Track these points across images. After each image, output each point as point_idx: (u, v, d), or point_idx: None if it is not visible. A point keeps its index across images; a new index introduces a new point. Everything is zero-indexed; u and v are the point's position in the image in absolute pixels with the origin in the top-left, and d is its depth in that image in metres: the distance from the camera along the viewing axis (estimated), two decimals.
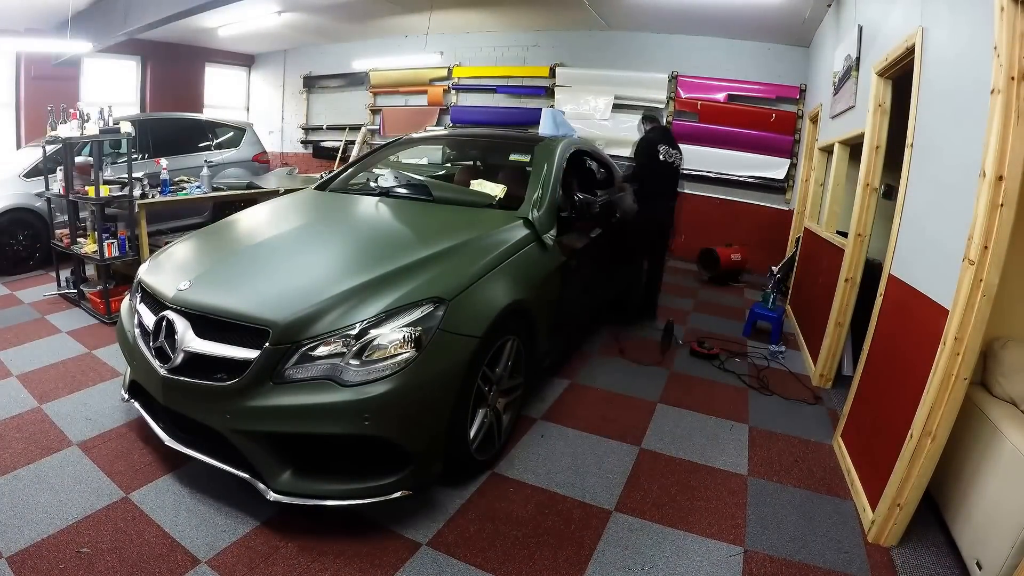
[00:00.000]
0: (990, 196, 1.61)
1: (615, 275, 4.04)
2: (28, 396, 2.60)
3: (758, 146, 6.35)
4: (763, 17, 5.37)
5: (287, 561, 1.72)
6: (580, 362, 3.42)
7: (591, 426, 2.66)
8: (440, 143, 4.78)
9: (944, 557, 1.91)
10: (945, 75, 2.11)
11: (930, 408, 1.78)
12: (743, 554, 1.89)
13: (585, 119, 6.88)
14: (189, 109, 7.78)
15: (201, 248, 2.45)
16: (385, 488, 1.81)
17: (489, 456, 2.26)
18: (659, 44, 6.66)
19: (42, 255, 4.75)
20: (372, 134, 8.36)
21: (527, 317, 2.37)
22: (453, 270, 2.09)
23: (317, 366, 1.76)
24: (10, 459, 2.11)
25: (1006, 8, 1.59)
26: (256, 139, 6.82)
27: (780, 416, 2.93)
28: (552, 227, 2.73)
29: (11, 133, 6.94)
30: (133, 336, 2.09)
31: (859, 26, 3.43)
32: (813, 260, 4.22)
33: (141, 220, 3.77)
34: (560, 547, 1.86)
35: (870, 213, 3.03)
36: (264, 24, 7.24)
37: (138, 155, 5.33)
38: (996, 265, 1.62)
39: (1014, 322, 2.04)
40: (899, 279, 2.28)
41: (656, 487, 2.24)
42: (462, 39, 7.73)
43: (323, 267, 2.14)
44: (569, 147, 3.34)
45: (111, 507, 1.89)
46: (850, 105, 3.55)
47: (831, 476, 2.40)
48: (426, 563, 1.76)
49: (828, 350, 3.30)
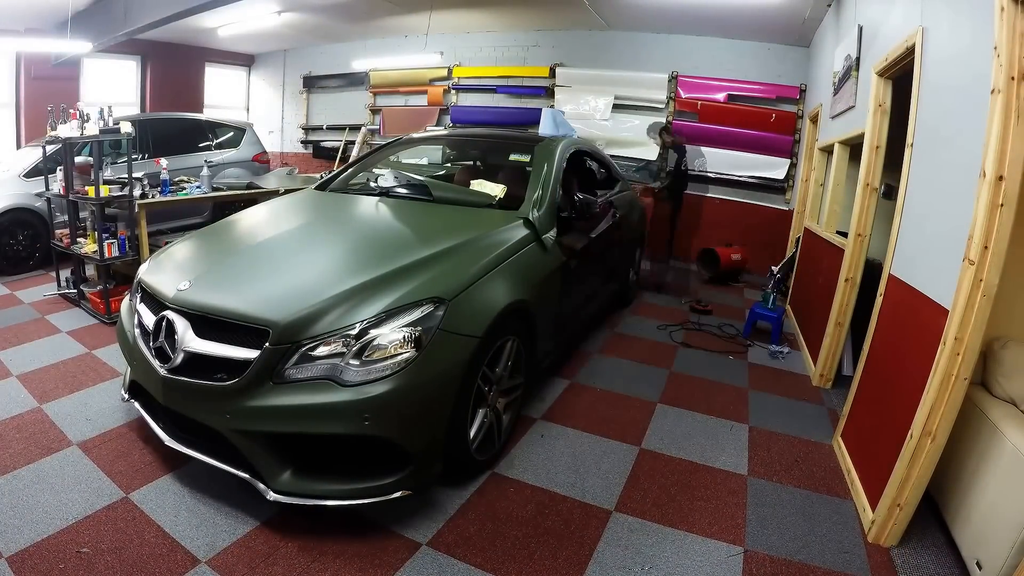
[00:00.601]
0: (990, 196, 1.61)
1: (614, 273, 4.05)
2: (28, 396, 2.60)
3: (758, 146, 6.34)
4: (763, 17, 5.36)
5: (287, 561, 1.72)
6: (580, 362, 3.42)
7: (591, 426, 2.66)
8: (440, 143, 4.78)
9: (944, 557, 1.91)
10: (945, 75, 2.11)
11: (930, 408, 1.78)
12: (743, 554, 1.89)
13: (585, 119, 6.87)
14: (189, 109, 7.77)
15: (201, 248, 2.45)
16: (385, 488, 1.81)
17: (489, 456, 2.26)
18: (659, 44, 6.65)
19: (42, 255, 4.75)
20: (372, 134, 8.35)
21: (527, 317, 2.37)
22: (453, 270, 2.09)
23: (317, 366, 1.76)
24: (10, 459, 2.12)
25: (1006, 8, 1.59)
26: (256, 139, 6.82)
27: (780, 416, 2.93)
28: (552, 227, 2.73)
29: (11, 133, 6.93)
30: (133, 336, 2.09)
31: (859, 26, 3.43)
32: (813, 260, 4.22)
33: (141, 220, 3.77)
34: (560, 547, 1.86)
35: (870, 213, 3.03)
36: (264, 24, 7.24)
37: (138, 155, 5.33)
38: (996, 265, 1.62)
39: (1014, 322, 2.04)
40: (899, 279, 2.28)
41: (656, 487, 2.24)
42: (462, 39, 7.72)
43: (323, 267, 2.15)
44: (569, 147, 3.34)
45: (111, 507, 1.90)
46: (850, 105, 3.55)
47: (831, 476, 2.40)
48: (426, 563, 1.76)
49: (828, 350, 3.30)
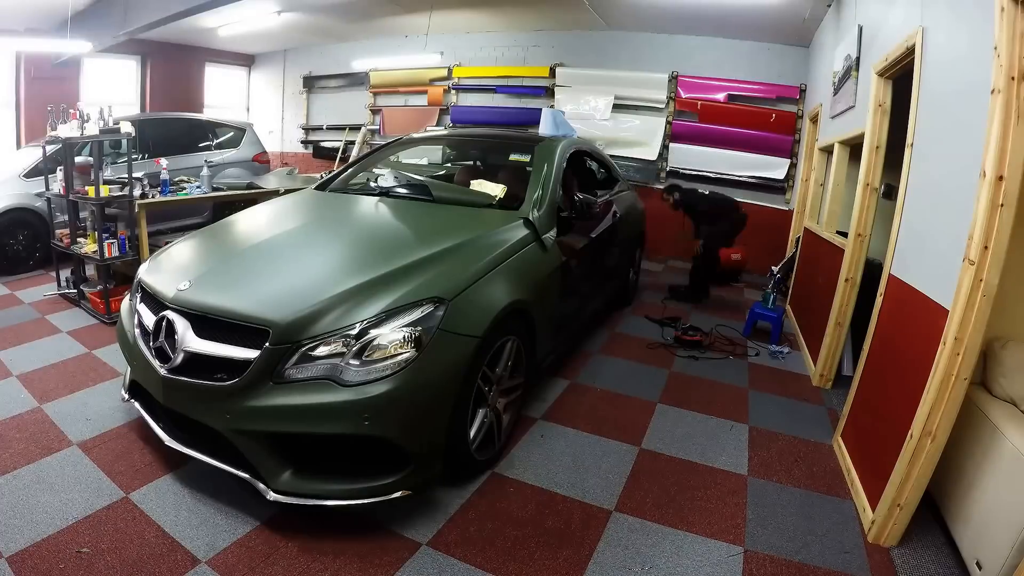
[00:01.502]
0: (990, 196, 1.61)
1: (614, 273, 4.05)
2: (28, 396, 2.60)
3: (758, 146, 6.34)
4: (763, 17, 5.37)
5: (287, 561, 1.72)
6: (580, 362, 3.42)
7: (591, 426, 2.66)
8: (440, 143, 4.78)
9: (944, 557, 1.91)
10: (945, 75, 2.11)
11: (930, 408, 1.78)
12: (743, 554, 1.89)
13: (585, 119, 6.87)
14: (189, 109, 7.78)
15: (201, 248, 2.45)
16: (385, 488, 1.81)
17: (489, 456, 2.25)
18: (659, 44, 6.66)
19: (42, 255, 4.75)
20: (372, 134, 8.36)
21: (527, 317, 2.37)
22: (453, 270, 2.09)
23: (317, 366, 1.76)
24: (10, 459, 2.11)
25: (1006, 8, 1.59)
26: (256, 139, 6.81)
27: (780, 416, 2.93)
28: (552, 227, 2.73)
29: (11, 133, 6.93)
30: (133, 336, 2.09)
31: (859, 26, 3.43)
32: (813, 260, 4.22)
33: (141, 220, 3.76)
34: (560, 547, 1.86)
35: (870, 213, 3.03)
36: (264, 24, 7.24)
37: (138, 155, 5.33)
38: (996, 265, 1.62)
39: (1014, 322, 2.04)
40: (899, 279, 2.28)
41: (656, 487, 2.24)
42: (462, 39, 7.72)
43: (323, 267, 2.15)
44: (569, 147, 3.34)
45: (111, 507, 1.90)
46: (850, 105, 3.55)
47: (831, 476, 2.40)
48: (426, 563, 1.76)
49: (828, 350, 3.30)
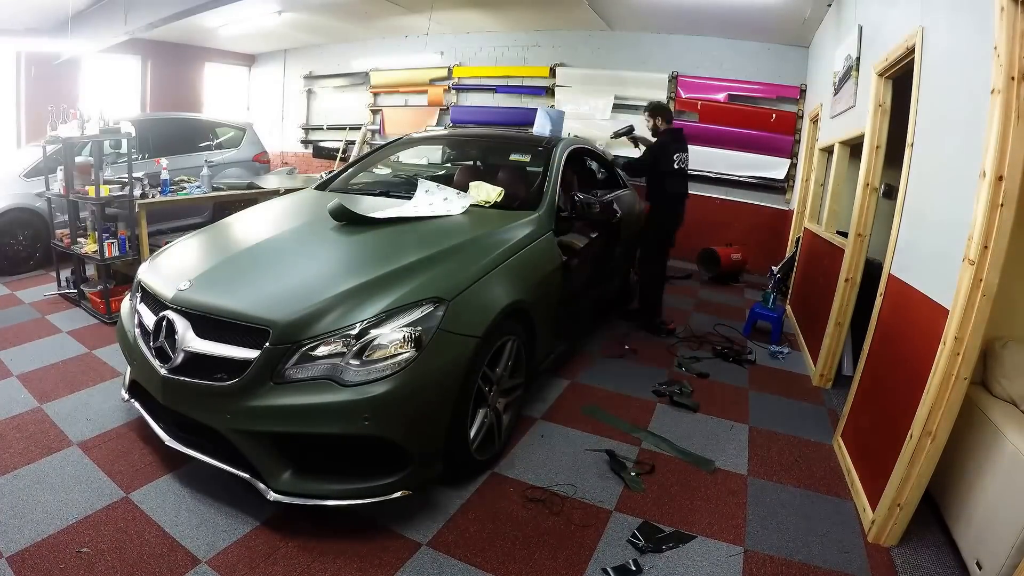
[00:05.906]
0: (990, 196, 1.61)
1: (614, 274, 4.04)
2: (28, 396, 2.60)
3: (758, 146, 6.34)
4: (763, 17, 5.37)
5: (287, 561, 1.72)
6: (580, 362, 3.42)
7: (591, 426, 2.66)
8: (440, 143, 4.78)
9: (944, 557, 1.91)
10: (945, 75, 2.11)
11: (930, 408, 1.78)
12: (743, 554, 1.89)
13: (585, 119, 6.87)
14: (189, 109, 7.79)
15: (201, 248, 2.45)
16: (385, 488, 1.81)
17: (489, 456, 2.25)
18: (659, 44, 6.65)
19: (42, 255, 4.74)
20: (372, 134, 8.36)
21: (527, 317, 2.37)
22: (453, 270, 2.09)
23: (317, 366, 1.76)
24: (10, 459, 2.11)
25: (1006, 8, 1.58)
26: (256, 139, 6.81)
27: (780, 416, 2.93)
28: (552, 227, 2.73)
29: (11, 133, 6.94)
30: (133, 336, 2.09)
31: (859, 26, 3.43)
32: (813, 260, 4.22)
33: (141, 220, 3.76)
34: (560, 547, 1.86)
35: (870, 213, 3.03)
36: (264, 24, 7.24)
37: (138, 155, 5.32)
38: (996, 265, 1.63)
39: (1014, 322, 2.04)
40: (899, 279, 2.28)
41: (656, 487, 2.24)
42: (462, 39, 7.73)
43: (323, 267, 2.15)
44: (568, 147, 3.34)
45: (111, 507, 1.90)
46: (850, 105, 3.55)
47: (831, 476, 2.40)
48: (426, 563, 1.76)
49: (828, 350, 3.30)
